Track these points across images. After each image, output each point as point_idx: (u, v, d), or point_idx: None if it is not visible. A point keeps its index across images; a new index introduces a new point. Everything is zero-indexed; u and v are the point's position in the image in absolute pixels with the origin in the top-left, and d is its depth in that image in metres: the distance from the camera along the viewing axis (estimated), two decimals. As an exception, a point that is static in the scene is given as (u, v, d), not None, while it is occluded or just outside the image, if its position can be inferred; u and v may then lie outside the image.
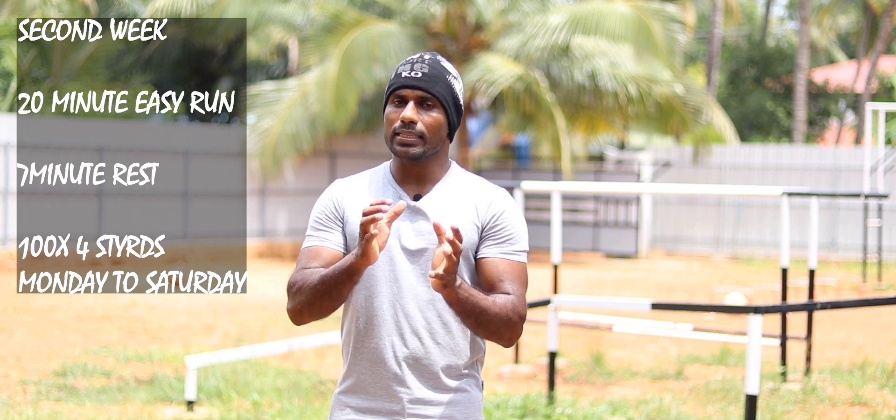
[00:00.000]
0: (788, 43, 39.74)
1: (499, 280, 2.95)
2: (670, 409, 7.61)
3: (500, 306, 2.90)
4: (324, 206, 3.06)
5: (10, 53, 22.13)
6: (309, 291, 2.92)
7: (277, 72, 29.04)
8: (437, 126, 2.99)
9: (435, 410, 2.96)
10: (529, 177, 23.89)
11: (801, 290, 13.60)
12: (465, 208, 2.99)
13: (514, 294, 2.94)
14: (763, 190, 9.39)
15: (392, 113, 2.99)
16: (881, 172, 16.24)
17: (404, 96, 2.98)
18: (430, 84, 2.98)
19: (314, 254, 3.00)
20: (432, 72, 2.99)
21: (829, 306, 6.61)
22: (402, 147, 2.96)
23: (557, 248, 9.04)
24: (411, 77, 2.98)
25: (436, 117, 2.98)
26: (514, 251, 2.98)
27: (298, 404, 7.50)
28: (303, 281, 2.94)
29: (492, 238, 2.98)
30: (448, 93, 3.00)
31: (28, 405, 7.62)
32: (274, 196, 21.71)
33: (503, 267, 2.96)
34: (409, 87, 2.98)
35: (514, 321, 2.92)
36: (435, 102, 2.99)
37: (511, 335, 2.94)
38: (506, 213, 2.99)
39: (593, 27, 19.76)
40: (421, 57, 3.02)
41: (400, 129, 2.96)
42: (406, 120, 2.96)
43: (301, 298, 2.94)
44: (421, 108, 2.98)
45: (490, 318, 2.88)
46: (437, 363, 2.96)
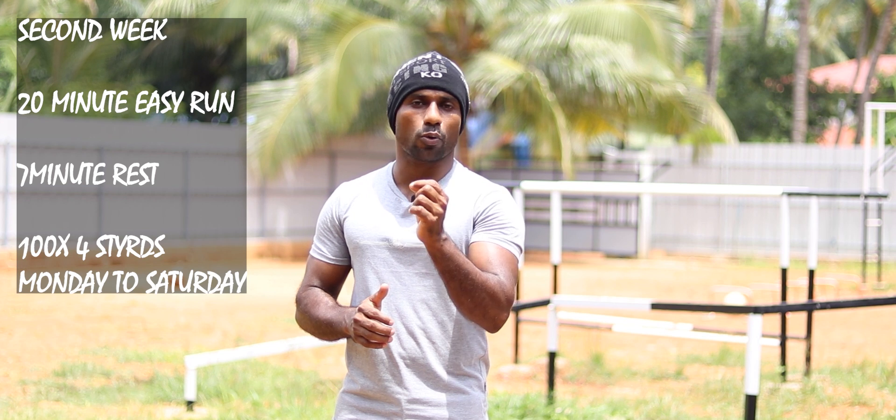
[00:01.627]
0: (788, 43, 39.75)
1: (487, 262, 2.89)
2: (670, 409, 7.61)
3: (485, 277, 2.84)
4: (325, 214, 3.10)
5: (10, 53, 22.13)
6: (312, 326, 3.04)
7: (277, 72, 29.04)
8: (456, 127, 2.99)
9: (433, 411, 2.96)
10: (529, 177, 23.89)
11: (801, 290, 13.60)
12: (463, 206, 2.99)
13: (505, 277, 2.89)
14: (763, 190, 9.40)
15: (413, 114, 2.96)
16: (881, 172, 16.25)
17: (426, 97, 2.96)
18: (451, 84, 2.98)
19: (316, 269, 3.09)
20: (450, 72, 2.99)
21: (828, 306, 6.61)
22: (426, 149, 2.95)
23: (557, 248, 9.04)
24: (432, 78, 2.96)
25: (455, 118, 2.99)
26: (505, 239, 2.94)
27: (298, 404, 7.50)
28: (306, 305, 3.04)
29: (483, 225, 2.96)
30: (464, 93, 3.01)
31: (28, 405, 7.62)
32: (274, 196, 21.71)
33: (492, 250, 2.92)
34: (431, 88, 2.96)
35: (498, 297, 2.85)
36: (455, 103, 2.99)
37: (496, 312, 2.86)
38: (499, 204, 2.98)
39: (593, 27, 19.77)
40: (434, 56, 3.01)
41: (424, 130, 2.95)
42: (433, 121, 2.94)
43: (306, 326, 3.06)
44: (442, 109, 2.97)
45: (474, 285, 2.82)
46: (434, 362, 2.96)
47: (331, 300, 3.02)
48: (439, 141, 2.95)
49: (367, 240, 2.99)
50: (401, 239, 2.96)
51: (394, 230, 2.97)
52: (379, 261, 2.97)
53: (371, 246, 2.98)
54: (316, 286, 3.07)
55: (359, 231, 3.00)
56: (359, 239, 3.00)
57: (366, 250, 2.99)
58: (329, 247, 3.08)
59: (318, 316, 2.99)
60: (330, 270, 3.07)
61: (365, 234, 2.99)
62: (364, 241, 2.99)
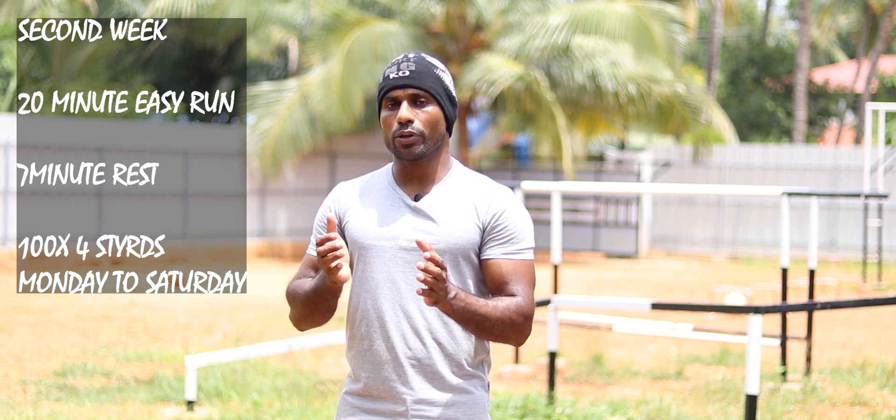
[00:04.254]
0: (788, 43, 39.74)
1: (504, 282, 2.96)
2: (670, 409, 7.61)
3: (501, 311, 2.91)
4: (323, 213, 3.10)
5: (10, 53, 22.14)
6: (300, 305, 3.03)
7: (277, 72, 29.05)
8: (434, 121, 2.99)
9: (438, 411, 2.96)
10: (529, 177, 23.89)
11: (801, 290, 13.60)
12: (465, 207, 2.99)
13: (520, 294, 2.94)
14: (763, 190, 9.39)
15: (388, 116, 2.99)
16: (881, 172, 16.25)
17: (396, 97, 2.98)
18: (419, 80, 2.98)
19: (309, 263, 3.08)
20: (419, 68, 2.99)
21: (829, 306, 6.61)
22: (404, 148, 2.96)
23: (557, 248, 9.04)
24: (400, 77, 2.98)
25: (431, 112, 2.98)
26: (518, 250, 2.98)
27: (298, 404, 7.50)
28: (295, 292, 3.04)
29: (494, 239, 2.98)
30: (438, 86, 3.00)
31: (28, 405, 7.62)
32: (274, 196, 21.71)
33: (508, 267, 2.96)
34: (399, 88, 2.98)
35: (518, 323, 2.92)
36: (428, 98, 2.99)
37: (518, 336, 2.95)
38: (506, 212, 2.99)
39: (593, 27, 19.76)
40: (405, 57, 3.03)
41: (398, 130, 2.96)
42: (403, 120, 2.96)
43: (296, 311, 3.05)
44: (415, 106, 2.98)
45: (492, 324, 2.90)
46: (440, 363, 2.96)
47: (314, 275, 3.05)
48: (416, 137, 2.96)
49: (373, 239, 2.98)
50: (408, 238, 2.96)
51: (400, 230, 2.97)
52: (385, 260, 2.97)
53: (376, 245, 2.98)
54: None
55: (363, 231, 3.00)
56: (363, 238, 2.99)
57: (371, 250, 2.98)
58: None
59: (305, 291, 3.00)
60: None
61: (369, 234, 2.99)
62: (369, 240, 2.99)
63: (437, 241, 2.95)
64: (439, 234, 2.95)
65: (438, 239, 2.95)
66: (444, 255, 2.94)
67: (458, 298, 2.84)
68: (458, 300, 2.84)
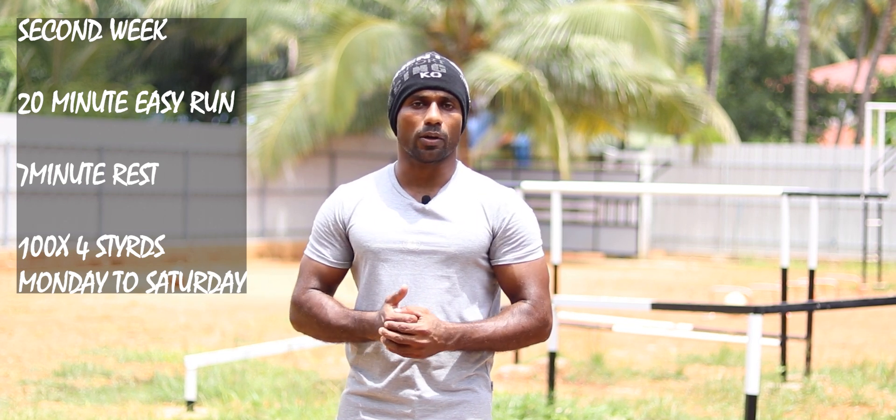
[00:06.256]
0: (788, 43, 39.75)
1: (519, 286, 2.99)
2: (670, 409, 7.61)
3: (513, 326, 2.95)
4: (325, 216, 3.06)
5: (10, 53, 22.13)
6: (317, 329, 3.02)
7: (277, 72, 29.04)
8: (457, 126, 2.99)
9: (444, 411, 2.97)
10: (529, 177, 23.88)
11: (801, 290, 13.60)
12: (474, 210, 2.99)
13: (533, 295, 2.98)
14: (763, 190, 9.39)
15: (414, 115, 2.96)
16: (881, 172, 16.25)
17: (426, 97, 2.95)
18: (451, 84, 2.97)
19: (315, 271, 3.06)
20: (449, 72, 2.98)
21: (829, 306, 6.61)
22: (427, 150, 2.94)
23: (557, 248, 9.04)
24: (432, 78, 2.95)
25: (456, 118, 2.98)
26: (529, 252, 3.01)
27: (298, 404, 7.50)
28: (309, 306, 3.02)
29: (507, 244, 2.99)
30: (464, 93, 3.01)
31: (28, 405, 7.62)
32: (274, 196, 21.71)
33: (521, 271, 3.00)
34: (431, 88, 2.95)
35: (532, 328, 2.97)
36: (455, 103, 2.98)
37: (538, 337, 3.00)
38: (516, 216, 3.00)
39: (593, 27, 19.76)
40: (433, 57, 3.01)
41: (425, 131, 2.94)
42: (433, 121, 2.94)
43: (309, 329, 3.04)
44: (442, 109, 2.97)
45: (504, 343, 2.96)
46: (445, 365, 2.97)
47: (336, 304, 3.01)
48: (440, 141, 2.94)
49: (380, 243, 2.97)
50: (416, 241, 2.96)
51: (408, 233, 2.96)
52: (394, 263, 2.96)
53: (384, 249, 2.96)
54: (314, 288, 3.05)
55: (370, 234, 2.98)
56: (371, 242, 2.98)
57: (379, 254, 2.97)
58: (331, 250, 3.05)
59: (327, 320, 2.98)
60: (330, 273, 3.05)
61: (377, 238, 2.97)
62: (376, 244, 2.97)
63: (448, 243, 2.95)
64: (451, 237, 2.95)
65: (450, 242, 2.95)
66: (454, 258, 2.95)
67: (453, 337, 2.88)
68: (461, 343, 2.90)
